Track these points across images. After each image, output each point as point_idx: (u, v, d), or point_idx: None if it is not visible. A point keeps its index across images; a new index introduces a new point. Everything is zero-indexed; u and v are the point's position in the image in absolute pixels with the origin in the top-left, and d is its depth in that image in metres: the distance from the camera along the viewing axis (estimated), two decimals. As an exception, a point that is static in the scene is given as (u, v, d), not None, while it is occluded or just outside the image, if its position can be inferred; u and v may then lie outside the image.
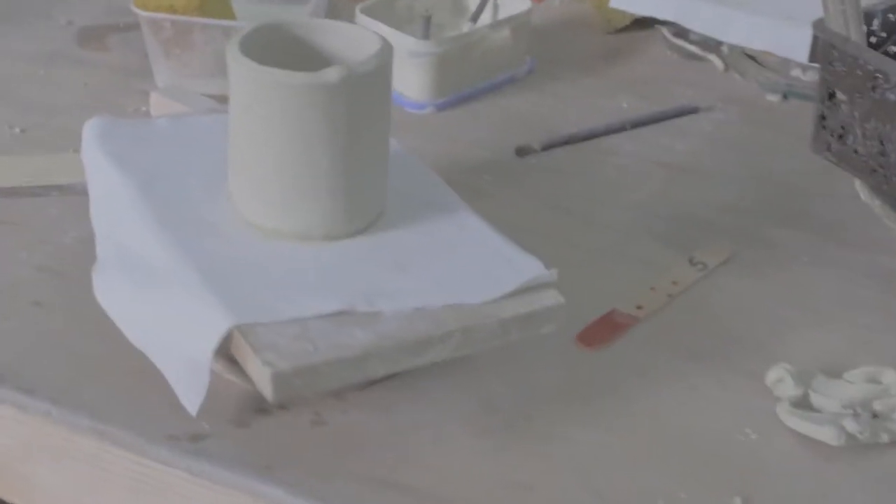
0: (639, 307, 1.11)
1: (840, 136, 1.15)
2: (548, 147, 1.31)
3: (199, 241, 0.99)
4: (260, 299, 0.93)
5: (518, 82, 1.42)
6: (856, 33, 1.11)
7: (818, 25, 1.13)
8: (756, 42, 1.37)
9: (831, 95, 1.15)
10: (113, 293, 0.99)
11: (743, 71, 1.44)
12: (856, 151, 1.15)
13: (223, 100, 1.32)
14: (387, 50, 1.00)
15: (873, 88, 1.11)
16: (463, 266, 0.98)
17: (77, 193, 1.21)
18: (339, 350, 0.90)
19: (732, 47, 1.46)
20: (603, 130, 1.34)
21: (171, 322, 0.94)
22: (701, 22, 1.40)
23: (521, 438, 0.98)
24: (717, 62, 1.47)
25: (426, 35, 1.37)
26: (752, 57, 1.45)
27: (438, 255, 1.00)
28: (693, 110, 1.38)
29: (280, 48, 1.01)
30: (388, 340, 0.91)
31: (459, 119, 1.36)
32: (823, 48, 1.13)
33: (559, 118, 1.37)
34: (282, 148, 0.97)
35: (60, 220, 1.18)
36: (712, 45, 1.48)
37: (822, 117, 1.16)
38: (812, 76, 1.40)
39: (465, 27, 1.43)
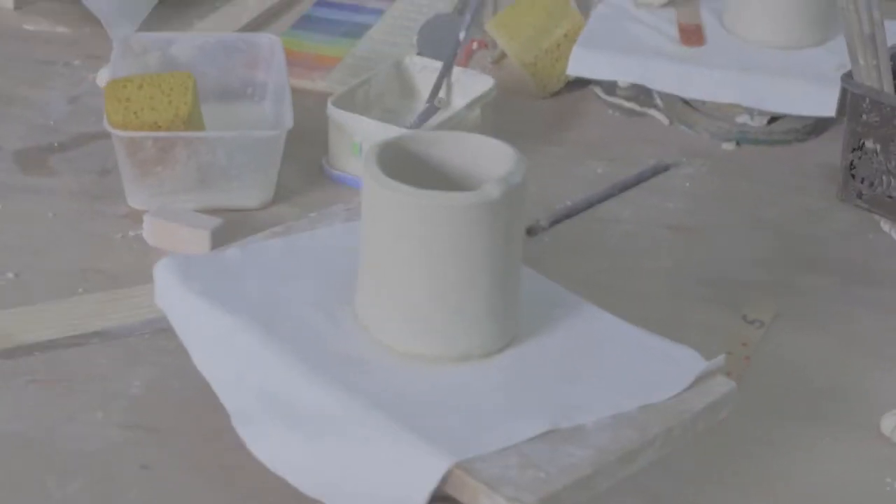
0: (727, 374, 1.12)
1: (871, 184, 1.20)
2: (554, 223, 1.31)
3: (354, 377, 0.94)
4: (462, 431, 0.90)
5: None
6: (888, 85, 1.16)
7: (848, 80, 1.18)
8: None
9: (861, 146, 1.20)
10: (272, 445, 0.93)
11: (691, 123, 1.48)
12: (890, 196, 1.20)
13: (210, 213, 1.26)
14: (522, 159, 0.98)
15: (910, 135, 1.17)
16: (626, 366, 0.97)
17: (116, 337, 1.13)
18: (570, 472, 0.87)
19: (665, 99, 1.49)
20: (597, 198, 1.35)
21: (366, 469, 0.89)
22: (667, 82, 1.43)
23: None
24: (660, 117, 1.50)
25: (412, 125, 1.34)
26: (688, 105, 1.49)
27: (596, 358, 0.98)
28: (666, 168, 1.40)
29: (400, 164, 0.97)
30: (608, 454, 0.89)
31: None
32: (854, 101, 1.18)
33: (547, 191, 1.37)
34: (443, 270, 0.94)
35: (115, 369, 1.10)
36: (644, 99, 1.51)
37: (851, 166, 1.21)
38: (760, 121, 1.46)
39: (432, 107, 1.41)
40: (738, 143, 1.46)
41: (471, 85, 1.42)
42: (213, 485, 0.99)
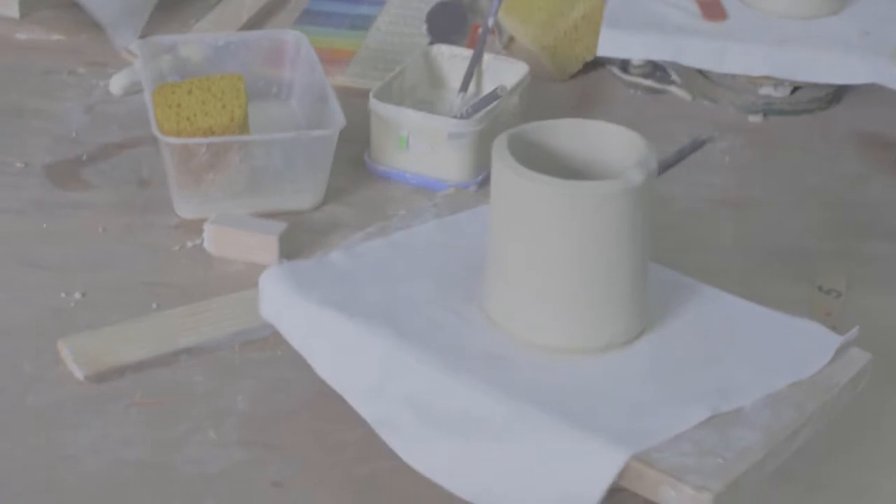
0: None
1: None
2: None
3: (503, 376, 0.92)
4: (628, 422, 0.88)
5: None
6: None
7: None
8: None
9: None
10: (428, 452, 0.91)
11: (715, 97, 1.48)
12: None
13: (264, 217, 1.23)
14: (651, 144, 0.97)
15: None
16: (765, 345, 0.97)
17: (206, 352, 1.10)
18: (746, 456, 0.87)
19: (683, 74, 1.49)
20: (645, 179, 1.34)
21: (533, 468, 0.87)
22: (699, 58, 1.42)
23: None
24: (681, 93, 1.50)
25: (464, 114, 1.32)
26: (708, 78, 1.49)
27: (732, 339, 0.97)
28: (703, 143, 1.40)
29: (523, 155, 0.95)
30: (775, 434, 0.89)
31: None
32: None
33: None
34: (590, 259, 0.92)
35: (213, 386, 1.07)
36: (661, 76, 1.51)
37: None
38: (783, 91, 1.46)
39: (459, 97, 1.39)
40: (764, 115, 1.46)
41: (502, 71, 1.40)
42: (350, 499, 0.97)
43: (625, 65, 1.52)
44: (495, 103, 1.31)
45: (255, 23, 1.59)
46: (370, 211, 1.29)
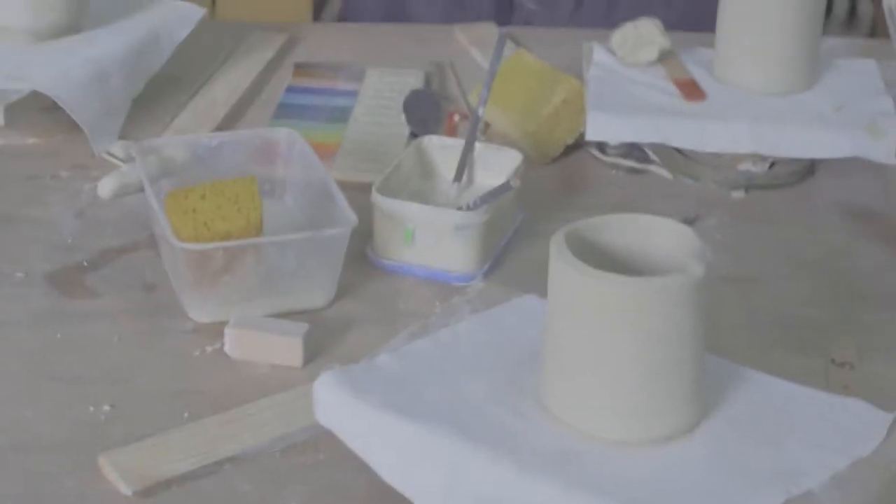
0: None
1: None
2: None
3: (574, 472, 0.93)
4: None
5: (524, 231, 1.41)
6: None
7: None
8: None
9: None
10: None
11: (695, 175, 1.51)
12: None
13: (280, 317, 1.23)
14: (698, 235, 0.99)
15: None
16: (817, 425, 0.99)
17: (249, 459, 1.09)
18: (827, 539, 0.89)
19: (661, 154, 1.52)
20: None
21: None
22: (685, 139, 1.46)
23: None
24: (661, 171, 1.53)
25: (471, 206, 1.33)
26: (687, 157, 1.52)
27: (785, 422, 0.99)
28: (693, 222, 1.43)
29: (583, 251, 0.97)
30: (848, 517, 0.91)
31: (507, 282, 1.33)
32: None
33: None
34: (655, 353, 0.94)
35: (264, 493, 1.06)
36: (639, 155, 1.54)
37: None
38: (762, 166, 1.50)
39: (453, 188, 1.41)
40: (746, 190, 1.50)
41: (495, 159, 1.42)
42: None
43: (602, 146, 1.55)
44: (507, 194, 1.33)
45: (231, 117, 1.60)
46: (382, 306, 1.29)
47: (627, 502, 0.91)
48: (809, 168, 1.52)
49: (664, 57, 1.57)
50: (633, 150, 1.54)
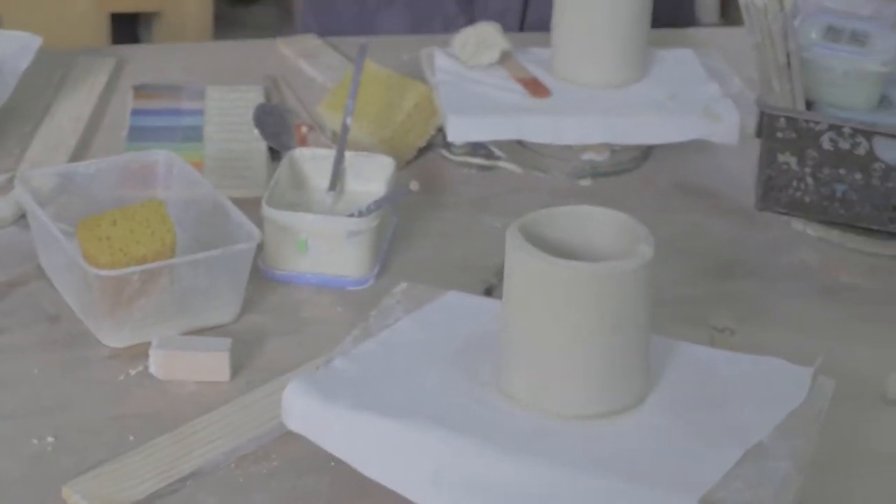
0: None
1: (787, 191, 1.38)
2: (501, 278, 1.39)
3: (556, 450, 1.01)
4: (680, 472, 0.98)
5: (399, 233, 1.46)
6: (801, 105, 1.34)
7: (765, 105, 1.34)
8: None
9: (775, 160, 1.37)
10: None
11: (544, 168, 1.60)
12: (804, 200, 1.38)
13: (191, 334, 1.26)
14: (637, 221, 1.07)
15: (822, 144, 1.35)
16: (753, 385, 1.09)
17: (208, 474, 1.12)
18: (788, 483, 0.99)
19: (506, 149, 1.60)
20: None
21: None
22: (541, 134, 1.54)
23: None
24: (511, 167, 1.61)
25: (363, 212, 1.38)
26: (532, 150, 1.60)
27: (723, 385, 1.09)
28: (553, 211, 1.52)
29: (536, 243, 1.04)
30: (799, 460, 1.01)
31: (398, 281, 1.39)
32: (769, 122, 1.35)
33: (471, 252, 1.45)
34: (617, 332, 1.02)
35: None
36: (485, 152, 1.62)
37: (768, 179, 1.38)
38: (604, 155, 1.60)
39: (328, 196, 1.45)
40: (593, 178, 1.59)
41: (366, 166, 1.47)
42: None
43: (449, 146, 1.62)
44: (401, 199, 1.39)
45: (82, 145, 1.60)
46: (285, 316, 1.33)
47: (610, 470, 0.98)
48: (645, 153, 1.63)
49: (504, 58, 1.65)
50: (479, 149, 1.62)
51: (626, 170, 1.61)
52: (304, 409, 1.05)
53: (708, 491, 0.97)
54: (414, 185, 1.38)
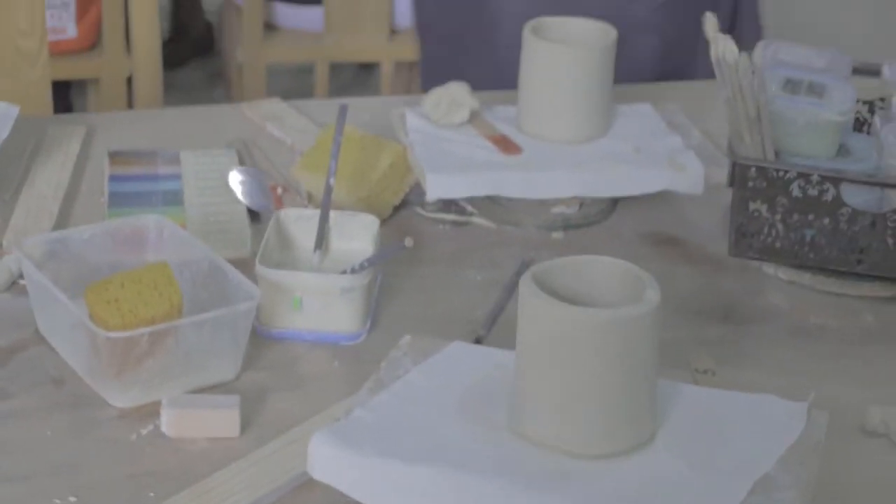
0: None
1: (758, 237, 1.45)
2: (490, 328, 1.44)
3: (577, 489, 1.05)
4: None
5: (384, 288, 1.51)
6: (770, 155, 1.41)
7: (736, 156, 1.41)
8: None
9: (747, 208, 1.44)
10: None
11: (515, 221, 1.65)
12: (776, 245, 1.45)
13: (196, 392, 1.29)
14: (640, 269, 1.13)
15: (792, 192, 1.42)
16: (752, 420, 1.14)
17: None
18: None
19: (477, 205, 1.66)
20: (505, 298, 1.48)
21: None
22: (516, 189, 1.59)
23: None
24: (484, 222, 1.66)
25: (356, 269, 1.42)
26: (502, 205, 1.66)
27: (727, 422, 1.14)
28: (529, 265, 1.55)
29: (548, 291, 1.10)
30: (803, 490, 1.07)
31: (390, 335, 1.43)
32: (741, 172, 1.42)
33: (454, 305, 1.49)
34: (631, 374, 1.08)
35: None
36: (457, 209, 1.67)
37: (741, 226, 1.44)
38: (573, 208, 1.66)
39: (315, 255, 1.49)
40: (564, 230, 1.65)
41: (350, 225, 1.52)
42: None
43: (422, 203, 1.67)
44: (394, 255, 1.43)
45: (64, 212, 1.63)
46: (284, 372, 1.37)
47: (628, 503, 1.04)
48: (612, 205, 1.69)
49: (472, 117, 1.70)
50: (451, 205, 1.67)
51: (595, 222, 1.67)
52: (329, 459, 1.09)
53: (736, 512, 1.03)
54: (409, 242, 1.43)
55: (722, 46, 1.37)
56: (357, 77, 4.13)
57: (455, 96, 1.69)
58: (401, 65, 3.34)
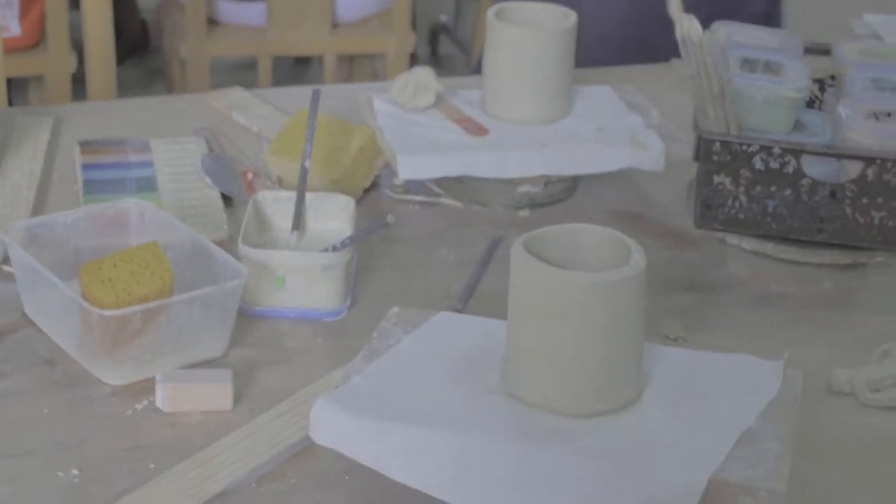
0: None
1: (723, 209, 1.50)
2: (466, 301, 1.48)
3: (573, 443, 1.10)
4: (689, 455, 1.09)
5: (359, 266, 1.55)
6: (733, 129, 1.47)
7: (701, 130, 1.47)
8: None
9: (711, 181, 1.49)
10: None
11: (483, 201, 1.70)
12: (739, 216, 1.50)
13: (186, 369, 1.33)
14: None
15: (755, 164, 1.48)
16: (731, 378, 1.20)
17: (232, 494, 1.19)
18: (782, 462, 1.10)
19: (444, 186, 1.70)
20: (478, 274, 1.53)
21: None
22: (485, 169, 1.64)
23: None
24: (452, 202, 1.70)
25: (338, 246, 1.46)
26: (469, 185, 1.70)
27: (708, 380, 1.20)
28: (499, 242, 1.61)
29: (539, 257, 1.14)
30: (786, 442, 1.12)
31: (371, 310, 1.47)
32: (706, 146, 1.47)
33: (430, 282, 1.54)
34: (620, 335, 1.12)
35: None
36: (424, 189, 1.71)
37: (706, 199, 1.50)
38: (539, 187, 1.70)
39: (293, 236, 1.53)
40: (530, 209, 1.70)
41: (326, 206, 1.55)
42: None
43: (392, 185, 1.71)
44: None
45: (39, 199, 1.65)
46: (271, 348, 1.41)
47: (621, 457, 1.08)
48: (574, 184, 1.74)
49: (438, 101, 1.75)
50: (419, 186, 1.72)
51: (559, 200, 1.72)
52: (331, 424, 1.13)
53: (714, 471, 1.07)
54: (391, 219, 1.47)
55: (687, 25, 1.43)
56: (293, 71, 4.17)
57: (421, 80, 1.73)
58: (342, 58, 3.39)
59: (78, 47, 2.96)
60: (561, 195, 1.72)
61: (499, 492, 1.09)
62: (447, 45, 4.55)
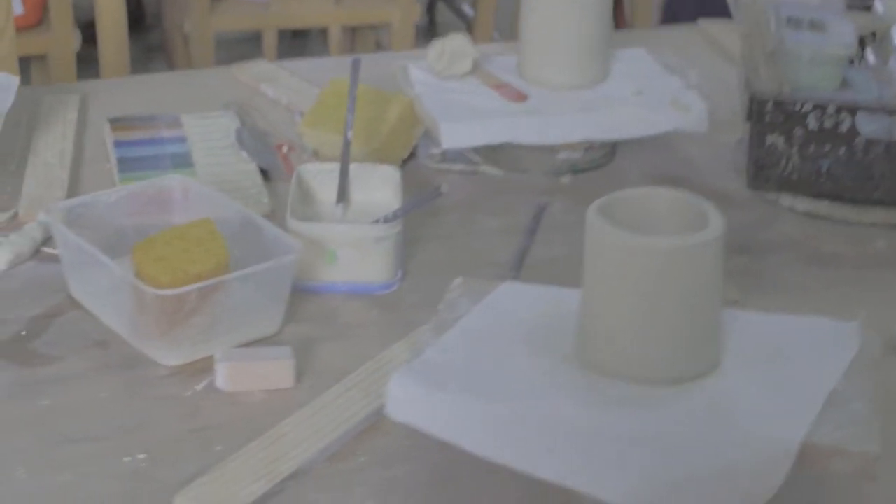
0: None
1: (776, 170, 1.48)
2: (517, 269, 1.46)
3: (656, 410, 1.08)
4: (779, 418, 1.07)
5: (406, 237, 1.52)
6: (786, 86, 1.44)
7: (754, 90, 1.44)
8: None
9: (764, 142, 1.47)
10: (612, 479, 1.06)
11: (524, 168, 1.67)
12: (792, 177, 1.48)
13: (241, 347, 1.30)
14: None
15: (808, 124, 1.46)
16: (811, 340, 1.17)
17: (304, 473, 1.17)
18: (871, 423, 1.07)
19: (483, 154, 1.67)
20: (526, 242, 1.50)
21: (713, 477, 1.05)
22: (530, 135, 1.61)
23: None
24: (492, 170, 1.68)
25: (389, 217, 1.43)
26: (509, 153, 1.68)
27: (787, 342, 1.17)
28: (545, 207, 1.59)
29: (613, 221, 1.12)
30: (872, 402, 1.10)
31: (423, 282, 1.45)
32: (758, 106, 1.45)
33: (480, 250, 1.52)
34: (701, 301, 1.10)
35: (334, 501, 1.14)
36: (462, 158, 1.68)
37: (758, 160, 1.48)
38: (579, 152, 1.68)
39: (339, 208, 1.50)
40: (572, 174, 1.67)
41: (371, 177, 1.53)
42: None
43: (430, 154, 1.69)
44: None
45: (73, 178, 1.62)
46: (326, 323, 1.38)
47: (709, 421, 1.06)
48: (613, 149, 1.72)
49: (474, 68, 1.72)
50: (458, 155, 1.69)
51: (600, 165, 1.69)
52: (410, 399, 1.10)
53: (805, 434, 1.05)
54: (444, 188, 1.44)
55: (739, -17, 1.41)
56: (292, 44, 4.13)
57: (457, 47, 1.71)
58: (345, 29, 3.35)
59: (81, 26, 2.92)
60: (601, 160, 1.70)
61: (586, 462, 1.06)
62: (444, 13, 4.52)
